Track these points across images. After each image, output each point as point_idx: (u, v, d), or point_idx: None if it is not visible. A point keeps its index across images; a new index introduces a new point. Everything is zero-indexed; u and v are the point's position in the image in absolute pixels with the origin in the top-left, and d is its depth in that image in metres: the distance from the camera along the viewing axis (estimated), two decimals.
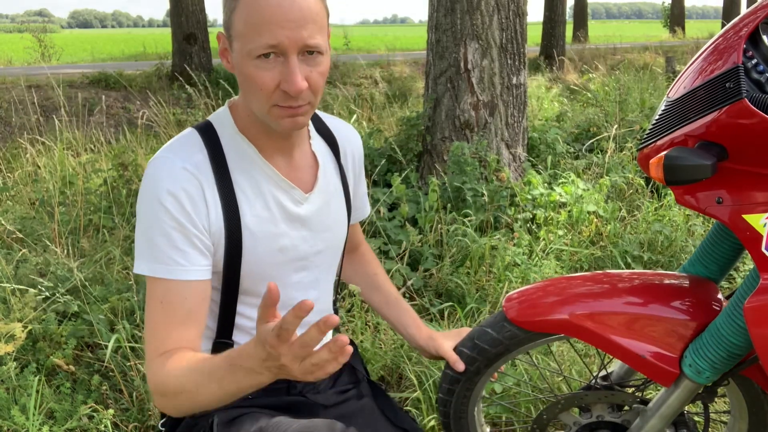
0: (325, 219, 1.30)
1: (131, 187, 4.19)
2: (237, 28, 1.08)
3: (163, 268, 1.11)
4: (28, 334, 2.47)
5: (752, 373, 1.36)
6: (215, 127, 1.20)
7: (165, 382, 1.08)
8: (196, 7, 10.15)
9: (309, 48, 1.07)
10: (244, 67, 1.08)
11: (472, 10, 3.84)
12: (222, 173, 1.16)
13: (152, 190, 1.11)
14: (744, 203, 1.14)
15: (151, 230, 1.11)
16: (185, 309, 1.12)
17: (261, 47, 1.05)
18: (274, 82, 1.07)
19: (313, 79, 1.09)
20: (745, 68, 1.09)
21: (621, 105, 6.01)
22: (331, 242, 1.33)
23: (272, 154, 1.21)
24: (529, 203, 3.61)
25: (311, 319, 1.28)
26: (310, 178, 1.28)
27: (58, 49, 16.22)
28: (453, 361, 1.51)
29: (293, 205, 1.23)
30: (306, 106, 1.11)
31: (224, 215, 1.15)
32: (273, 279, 1.23)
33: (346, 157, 1.39)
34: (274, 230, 1.21)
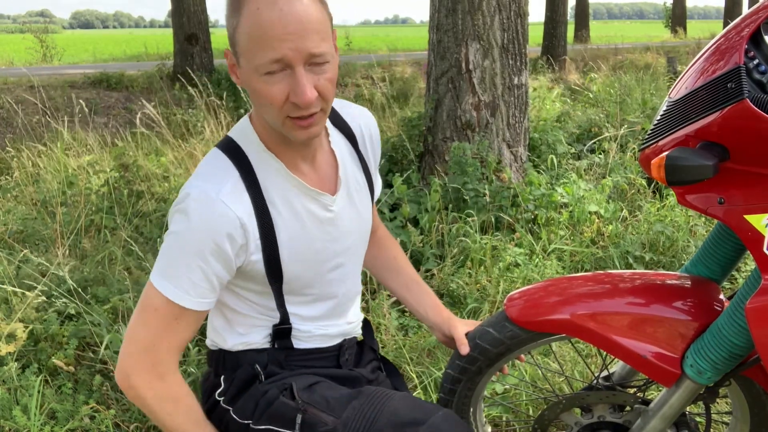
0: (351, 214, 1.34)
1: (132, 187, 4.19)
2: (241, 45, 1.09)
3: (177, 294, 1.16)
4: (29, 334, 2.47)
5: (754, 373, 1.36)
6: (240, 145, 1.22)
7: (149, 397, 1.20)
8: (197, 8, 10.15)
9: (314, 57, 1.07)
10: (253, 83, 1.10)
11: (473, 10, 3.84)
12: (256, 194, 1.19)
13: (188, 223, 1.13)
14: (745, 204, 1.14)
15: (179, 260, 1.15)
16: (185, 336, 1.21)
17: (266, 63, 1.06)
18: (283, 95, 1.08)
19: (322, 86, 1.10)
20: (747, 69, 1.09)
21: (622, 105, 6.01)
22: (359, 234, 1.38)
23: (296, 163, 1.24)
24: (530, 203, 3.61)
25: (344, 304, 1.41)
26: (333, 178, 1.31)
27: (60, 50, 16.25)
28: (461, 344, 1.52)
29: (323, 211, 1.27)
30: (318, 114, 1.13)
31: (261, 234, 1.19)
32: (312, 280, 1.30)
33: (364, 144, 1.41)
34: (306, 238, 1.25)
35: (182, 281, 1.15)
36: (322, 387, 1.30)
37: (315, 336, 1.37)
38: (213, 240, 1.14)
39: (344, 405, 1.23)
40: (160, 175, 4.65)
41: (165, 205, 3.97)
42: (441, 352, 2.43)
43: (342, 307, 1.40)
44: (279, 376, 1.32)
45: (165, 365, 1.20)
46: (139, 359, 1.19)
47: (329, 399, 1.25)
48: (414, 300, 1.59)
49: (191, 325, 1.20)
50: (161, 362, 1.19)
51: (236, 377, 1.33)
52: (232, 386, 1.33)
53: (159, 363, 1.19)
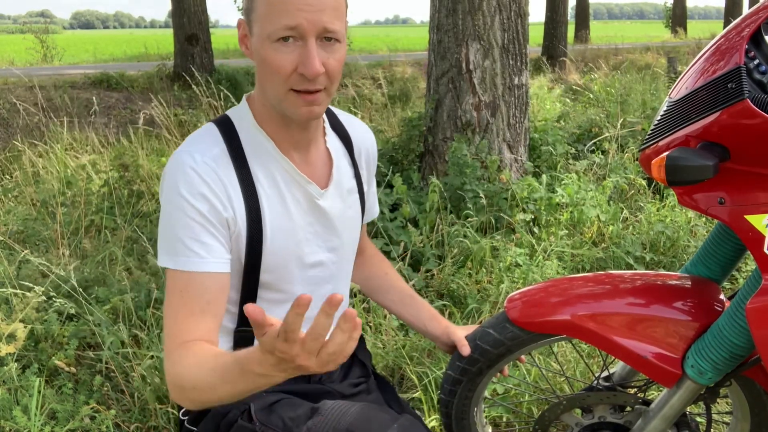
0: (339, 215, 1.30)
1: (132, 188, 4.20)
2: (259, 12, 1.09)
3: (184, 260, 1.12)
4: (29, 334, 2.47)
5: (754, 373, 1.36)
6: (233, 121, 1.21)
7: (182, 374, 1.08)
8: (197, 8, 10.16)
9: (328, 32, 1.08)
10: (263, 50, 1.09)
11: (473, 10, 3.84)
12: (241, 165, 1.17)
13: (173, 183, 1.12)
14: (746, 204, 1.13)
15: (172, 223, 1.12)
16: (204, 300, 1.13)
17: (280, 29, 1.06)
18: (291, 66, 1.08)
19: (330, 65, 1.10)
20: (747, 69, 1.09)
21: (623, 105, 6.00)
22: (346, 239, 1.34)
23: (288, 148, 1.22)
24: (530, 204, 3.61)
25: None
26: (325, 175, 1.28)
27: (60, 50, 16.26)
28: (461, 345, 1.51)
29: (308, 201, 1.24)
30: (322, 93, 1.12)
31: (246, 207, 1.16)
32: (289, 274, 1.25)
33: (360, 154, 1.39)
34: (289, 225, 1.22)
35: (178, 244, 1.12)
36: (282, 406, 1.25)
37: None
38: (196, 187, 1.11)
39: (301, 425, 1.19)
40: (160, 175, 4.65)
41: None
42: (441, 352, 2.43)
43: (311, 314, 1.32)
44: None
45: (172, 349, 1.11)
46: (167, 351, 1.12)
47: (286, 420, 1.21)
48: (411, 315, 1.56)
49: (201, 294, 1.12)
50: (170, 347, 1.12)
51: None
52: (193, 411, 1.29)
53: (168, 348, 1.12)
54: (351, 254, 1.39)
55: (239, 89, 9.42)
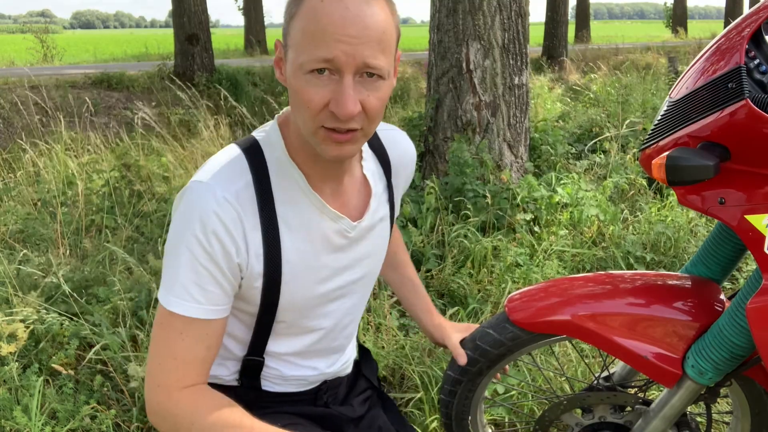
0: (369, 245, 1.23)
1: (133, 187, 4.20)
2: (293, 37, 0.98)
3: (185, 306, 1.05)
4: (30, 334, 2.47)
5: (755, 373, 1.36)
6: (263, 148, 1.11)
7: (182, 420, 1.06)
8: (198, 8, 10.16)
9: (368, 69, 0.96)
10: (296, 80, 0.98)
11: (474, 10, 3.84)
12: (265, 203, 1.08)
13: (188, 219, 1.03)
14: (746, 204, 1.13)
15: (179, 262, 1.05)
16: (204, 346, 1.08)
17: (314, 61, 0.95)
18: (322, 101, 0.97)
19: (370, 104, 0.98)
20: (748, 69, 1.09)
21: (623, 105, 6.00)
22: (372, 268, 1.27)
23: (320, 181, 1.12)
24: (530, 204, 3.61)
25: (340, 343, 1.30)
26: (360, 205, 1.20)
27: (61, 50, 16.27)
28: (457, 354, 1.51)
29: (338, 237, 1.16)
30: (357, 133, 1.01)
31: (264, 250, 1.08)
32: (310, 310, 1.19)
33: (398, 176, 1.30)
34: (315, 263, 1.14)
35: (181, 287, 1.05)
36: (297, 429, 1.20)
37: (288, 378, 1.26)
38: (212, 228, 1.03)
39: None
40: (160, 175, 4.65)
41: (166, 206, 3.97)
42: (442, 352, 2.43)
43: (325, 344, 1.27)
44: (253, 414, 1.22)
45: (170, 383, 1.08)
46: (149, 383, 1.09)
47: None
48: (407, 300, 1.56)
49: (201, 340, 1.08)
50: (166, 380, 1.08)
51: None
52: None
53: (164, 381, 1.08)
54: (373, 281, 1.32)
55: (239, 89, 9.43)
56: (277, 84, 10.32)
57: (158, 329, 1.08)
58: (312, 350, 1.25)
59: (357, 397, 1.41)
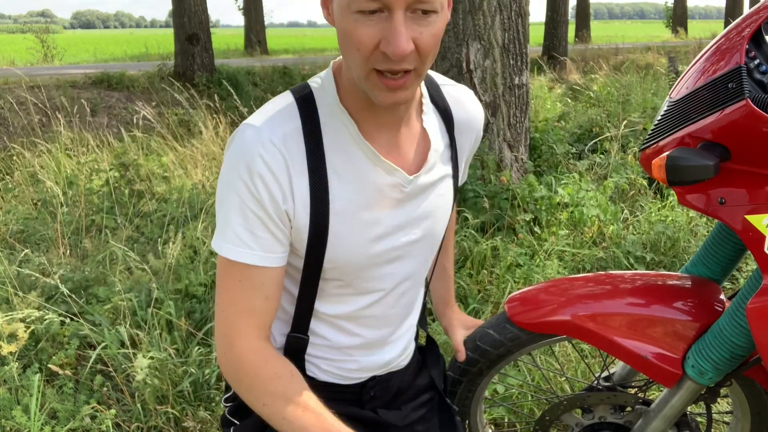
0: (428, 205, 1.15)
1: (133, 187, 4.20)
2: None
3: (236, 251, 1.03)
4: (30, 334, 2.47)
5: (755, 373, 1.36)
6: (315, 95, 1.07)
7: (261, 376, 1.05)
8: (198, 8, 10.17)
9: (420, 3, 0.90)
10: (343, 20, 0.93)
11: (474, 10, 3.84)
12: (315, 150, 1.03)
13: (235, 163, 1.01)
14: (746, 204, 1.13)
15: (228, 207, 1.03)
16: (263, 295, 1.06)
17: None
18: (373, 41, 0.91)
19: (423, 42, 0.92)
20: (748, 69, 1.09)
21: (623, 105, 6.00)
22: (431, 230, 1.18)
23: (374, 131, 1.07)
24: (530, 204, 3.61)
25: (398, 312, 1.22)
26: (418, 159, 1.12)
27: (61, 50, 16.28)
28: (457, 351, 1.49)
29: (393, 191, 1.09)
30: (411, 75, 0.95)
31: (311, 197, 1.04)
32: (361, 270, 1.12)
33: (461, 132, 1.22)
34: (366, 217, 1.08)
35: (232, 233, 1.03)
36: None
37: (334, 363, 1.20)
38: (258, 172, 1.00)
39: None
40: (160, 175, 4.65)
41: (165, 205, 3.97)
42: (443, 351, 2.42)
43: (380, 310, 1.19)
44: None
45: (233, 333, 1.06)
46: (216, 333, 1.08)
47: None
48: (432, 283, 1.49)
49: (259, 288, 1.05)
50: (230, 330, 1.06)
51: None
52: (237, 400, 1.21)
53: (228, 331, 1.06)
54: (435, 247, 1.23)
55: (239, 89, 9.43)
56: (277, 84, 10.33)
57: (219, 279, 1.07)
58: (365, 315, 1.18)
59: (413, 400, 1.32)
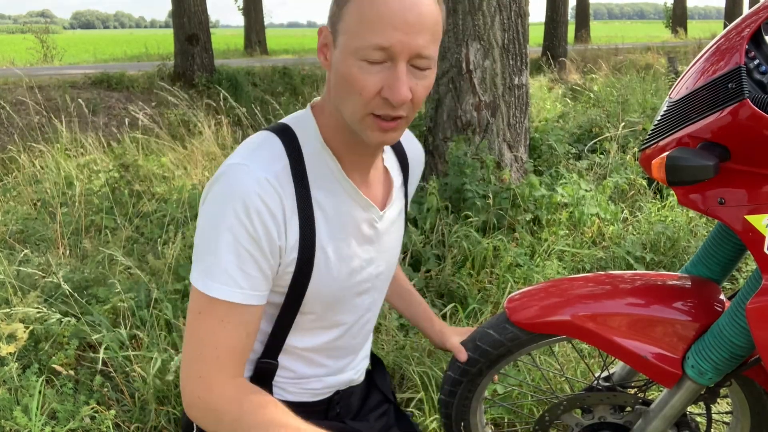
0: (389, 239, 1.24)
1: (132, 187, 4.20)
2: (347, 23, 0.99)
3: (228, 291, 1.03)
4: (30, 334, 2.47)
5: (755, 373, 1.36)
6: (297, 134, 1.10)
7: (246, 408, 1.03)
8: (198, 8, 10.16)
9: (420, 58, 0.98)
10: (346, 66, 0.99)
11: (473, 10, 3.84)
12: (302, 187, 1.07)
13: (228, 201, 1.01)
14: (746, 204, 1.13)
15: (219, 246, 1.02)
16: (245, 333, 1.06)
17: (370, 47, 0.96)
18: (375, 88, 0.98)
19: (418, 92, 1.00)
20: (747, 69, 1.09)
21: (623, 105, 6.01)
22: (390, 262, 1.27)
23: (352, 169, 1.13)
24: (530, 204, 3.61)
25: (359, 342, 1.29)
26: (383, 195, 1.21)
27: (61, 50, 16.27)
28: (457, 351, 1.51)
29: (367, 225, 1.17)
30: (402, 120, 1.03)
31: (300, 233, 1.07)
32: (336, 303, 1.17)
33: (413, 174, 1.33)
34: (347, 251, 1.14)
35: (222, 272, 1.02)
36: None
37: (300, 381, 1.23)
38: (255, 209, 1.01)
39: None
40: (160, 175, 4.65)
41: (165, 206, 3.97)
42: (441, 352, 2.43)
43: (346, 341, 1.25)
44: None
45: (212, 375, 1.05)
46: (187, 374, 1.06)
47: None
48: (406, 310, 1.55)
49: (242, 327, 1.05)
50: (208, 372, 1.05)
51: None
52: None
53: (206, 373, 1.05)
54: (390, 275, 1.31)
55: (239, 89, 9.43)
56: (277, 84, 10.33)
57: (197, 318, 1.05)
58: (332, 347, 1.23)
59: (372, 412, 1.39)
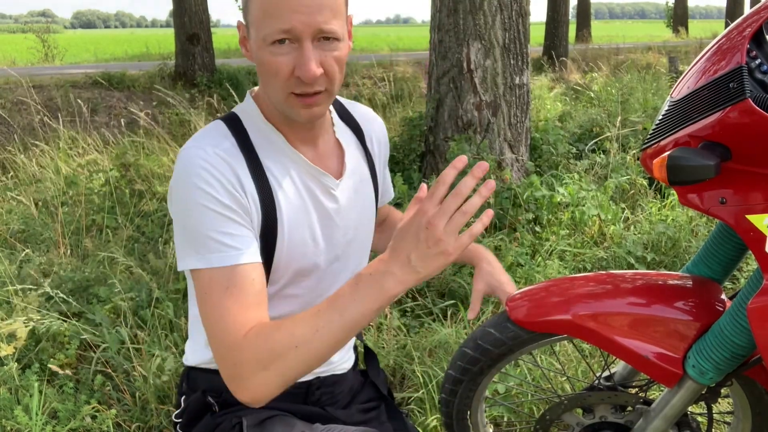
0: (354, 206, 1.27)
1: (134, 187, 4.20)
2: (253, 15, 1.06)
3: (220, 256, 1.04)
4: (30, 334, 2.48)
5: (756, 373, 1.36)
6: (240, 117, 1.18)
7: (259, 351, 0.98)
8: (198, 8, 10.15)
9: (324, 33, 1.04)
10: (260, 53, 1.07)
11: (474, 10, 3.84)
12: (252, 159, 1.13)
13: (187, 180, 1.06)
14: (747, 203, 1.13)
15: (194, 221, 1.05)
16: (255, 290, 1.05)
17: (274, 33, 1.03)
18: (288, 69, 1.05)
19: (328, 64, 1.07)
20: (749, 68, 1.09)
21: (624, 105, 6.00)
22: (362, 229, 1.31)
23: (298, 144, 1.19)
24: (531, 204, 3.61)
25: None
26: (338, 165, 1.25)
27: (62, 50, 16.26)
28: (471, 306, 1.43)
29: (325, 194, 1.21)
30: (322, 94, 1.09)
31: (260, 199, 1.12)
32: (305, 270, 1.20)
33: (371, 141, 1.37)
34: (306, 219, 1.18)
35: (206, 241, 1.04)
36: (275, 423, 1.19)
37: None
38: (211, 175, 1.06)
39: None
40: (161, 174, 4.65)
41: (166, 205, 3.97)
42: (442, 351, 2.43)
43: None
44: (234, 408, 1.23)
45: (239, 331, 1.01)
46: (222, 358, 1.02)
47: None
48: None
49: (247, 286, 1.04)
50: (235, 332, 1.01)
51: (190, 404, 1.26)
52: (187, 411, 1.27)
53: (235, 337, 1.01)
54: (367, 244, 1.35)
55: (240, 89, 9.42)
56: None
57: (205, 301, 1.04)
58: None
59: (359, 405, 1.40)
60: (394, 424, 1.40)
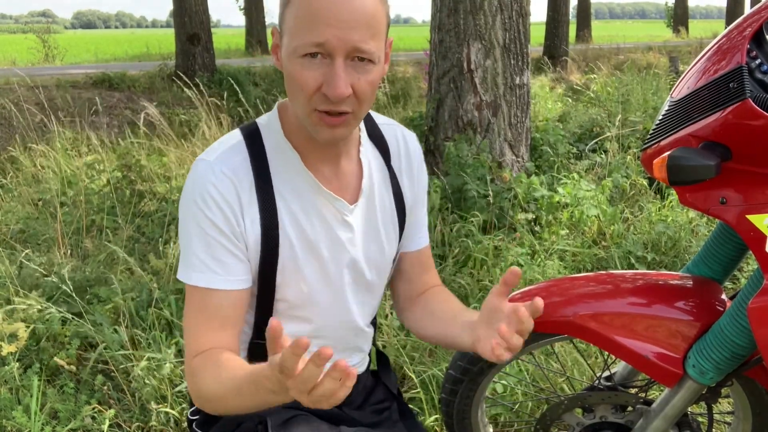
0: (369, 232, 1.22)
1: (135, 187, 4.20)
2: (288, 24, 1.03)
3: (197, 276, 1.09)
4: (31, 334, 2.48)
5: (756, 373, 1.35)
6: (261, 129, 1.16)
7: (199, 385, 1.06)
8: (199, 8, 10.16)
9: (359, 53, 1.00)
10: (290, 65, 1.03)
11: (475, 10, 3.84)
12: (263, 178, 1.12)
13: (191, 194, 1.09)
14: (748, 203, 1.13)
15: (189, 236, 1.10)
16: (221, 315, 1.10)
17: (306, 45, 0.99)
18: (315, 83, 1.01)
19: (360, 87, 1.02)
20: (749, 68, 1.09)
21: (624, 105, 6.00)
22: (374, 257, 1.24)
23: (316, 162, 1.15)
24: (531, 204, 3.61)
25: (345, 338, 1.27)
26: (355, 188, 1.20)
27: (62, 50, 16.27)
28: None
29: (336, 217, 1.17)
30: (348, 116, 1.04)
31: (261, 222, 1.11)
32: (310, 299, 1.18)
33: (399, 159, 1.29)
34: (312, 240, 1.15)
35: (194, 259, 1.09)
36: (299, 423, 1.20)
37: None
38: (211, 197, 1.07)
39: None
40: (162, 175, 4.65)
41: (167, 205, 3.97)
42: (442, 351, 2.43)
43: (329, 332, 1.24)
44: None
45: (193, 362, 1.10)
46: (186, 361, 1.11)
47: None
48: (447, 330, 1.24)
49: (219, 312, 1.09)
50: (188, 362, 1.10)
51: None
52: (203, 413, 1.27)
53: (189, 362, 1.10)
54: (378, 279, 1.27)
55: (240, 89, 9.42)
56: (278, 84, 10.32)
57: (185, 311, 1.12)
58: (315, 336, 1.22)
59: (373, 405, 1.39)
60: (406, 423, 1.39)
